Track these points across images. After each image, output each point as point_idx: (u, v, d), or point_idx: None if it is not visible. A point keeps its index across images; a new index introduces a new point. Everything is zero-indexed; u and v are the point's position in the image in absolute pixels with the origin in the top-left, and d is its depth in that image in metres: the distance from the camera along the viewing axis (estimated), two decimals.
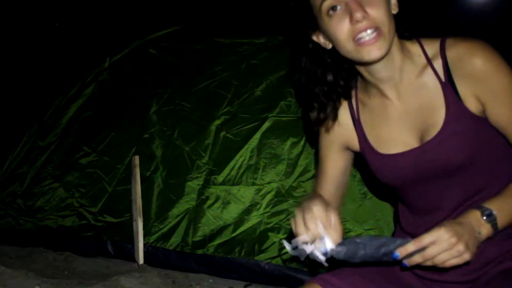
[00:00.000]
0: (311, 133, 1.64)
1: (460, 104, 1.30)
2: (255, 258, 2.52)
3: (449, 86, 1.31)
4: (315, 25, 1.35)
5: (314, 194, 1.50)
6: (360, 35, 1.25)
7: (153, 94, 3.17)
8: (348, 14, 1.25)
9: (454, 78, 1.30)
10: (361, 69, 1.38)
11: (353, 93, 1.49)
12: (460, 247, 1.15)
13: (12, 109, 6.00)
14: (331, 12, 1.27)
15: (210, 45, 3.18)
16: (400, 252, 1.19)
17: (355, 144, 1.50)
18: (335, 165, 1.55)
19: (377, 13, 1.25)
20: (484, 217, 1.22)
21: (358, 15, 1.23)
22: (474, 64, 1.27)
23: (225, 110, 2.89)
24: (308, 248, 1.22)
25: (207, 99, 2.98)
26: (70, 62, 5.89)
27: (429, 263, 1.19)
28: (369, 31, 1.25)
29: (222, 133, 2.83)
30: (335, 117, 1.48)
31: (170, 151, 2.95)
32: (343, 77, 1.45)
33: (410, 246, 1.18)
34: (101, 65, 3.48)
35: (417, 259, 1.19)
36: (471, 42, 1.30)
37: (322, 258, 1.22)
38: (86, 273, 2.85)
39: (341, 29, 1.27)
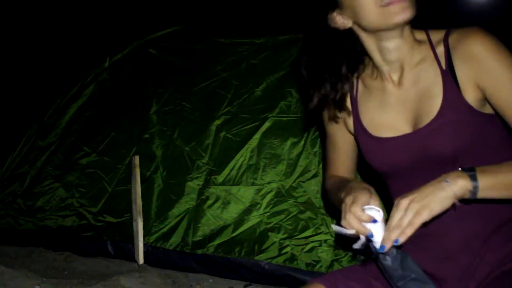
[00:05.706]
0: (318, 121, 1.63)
1: (458, 93, 1.30)
2: (255, 258, 2.52)
3: (449, 74, 1.31)
4: (334, 2, 1.36)
5: (336, 178, 1.53)
6: (387, 1, 1.26)
7: (153, 94, 3.17)
8: None
9: (454, 64, 1.31)
10: (374, 50, 1.37)
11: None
12: (415, 205, 1.16)
13: (12, 109, 6.01)
14: None
15: (210, 45, 3.19)
16: (385, 244, 1.19)
17: (350, 124, 1.49)
18: (345, 138, 1.54)
19: None
20: (459, 169, 1.21)
21: None
22: (472, 44, 1.28)
23: (225, 110, 2.89)
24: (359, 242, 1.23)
25: (207, 99, 2.98)
26: (70, 62, 5.90)
27: (398, 231, 1.17)
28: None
29: (222, 133, 2.83)
30: (338, 102, 1.46)
31: (170, 151, 2.96)
32: (350, 66, 1.44)
33: (392, 235, 1.18)
34: (101, 65, 3.48)
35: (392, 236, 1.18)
36: (471, 27, 1.31)
37: (374, 250, 1.22)
38: (86, 273, 2.86)
39: None
